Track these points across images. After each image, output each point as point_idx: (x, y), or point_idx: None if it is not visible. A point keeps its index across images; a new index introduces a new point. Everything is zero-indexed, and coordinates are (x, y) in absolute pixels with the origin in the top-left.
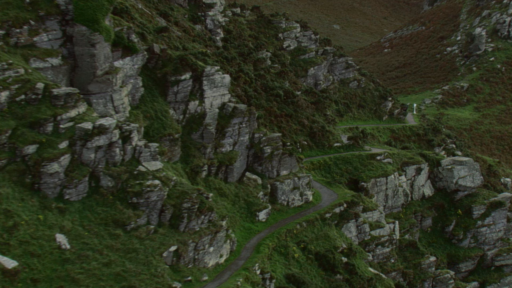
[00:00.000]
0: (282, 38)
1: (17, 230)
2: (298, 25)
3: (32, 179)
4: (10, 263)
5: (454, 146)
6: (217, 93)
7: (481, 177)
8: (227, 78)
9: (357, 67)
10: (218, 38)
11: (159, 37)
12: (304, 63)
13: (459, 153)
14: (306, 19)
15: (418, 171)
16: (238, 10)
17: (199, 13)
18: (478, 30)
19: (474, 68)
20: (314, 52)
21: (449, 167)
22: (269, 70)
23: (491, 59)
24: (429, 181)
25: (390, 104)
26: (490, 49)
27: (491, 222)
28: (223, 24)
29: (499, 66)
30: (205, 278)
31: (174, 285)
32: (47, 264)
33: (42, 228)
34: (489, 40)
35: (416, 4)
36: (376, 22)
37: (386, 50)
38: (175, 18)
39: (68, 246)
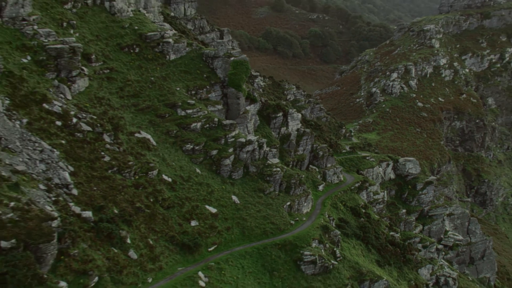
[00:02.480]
0: (286, 94)
1: (213, 193)
2: (294, 86)
3: (216, 168)
4: (213, 210)
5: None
6: (294, 123)
7: (420, 168)
8: (300, 115)
9: (325, 110)
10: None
11: (262, 93)
12: (299, 108)
13: None
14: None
15: (387, 165)
16: (262, 78)
17: (250, 80)
18: (374, 89)
19: (374, 111)
20: (303, 102)
21: (403, 163)
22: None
23: (383, 105)
24: (392, 171)
25: (344, 130)
26: (382, 100)
27: (426, 192)
28: (262, 86)
29: (388, 109)
30: (304, 219)
31: (291, 222)
32: (229, 211)
33: (225, 193)
34: (381, 95)
35: (315, 74)
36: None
37: (318, 101)
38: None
39: (238, 202)
